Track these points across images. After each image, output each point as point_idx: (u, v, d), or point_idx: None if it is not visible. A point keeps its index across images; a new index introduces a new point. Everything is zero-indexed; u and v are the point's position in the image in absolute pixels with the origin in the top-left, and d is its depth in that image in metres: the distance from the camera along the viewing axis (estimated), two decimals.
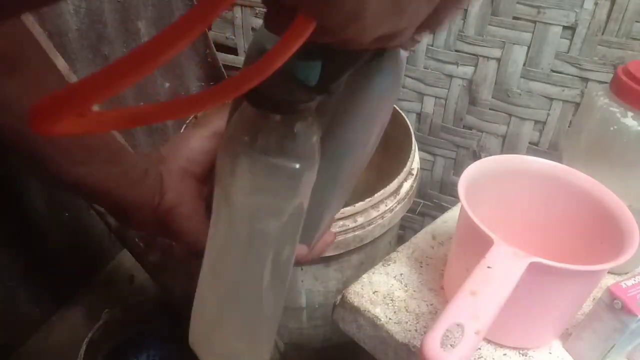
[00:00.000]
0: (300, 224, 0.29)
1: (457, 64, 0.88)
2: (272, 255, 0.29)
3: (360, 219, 0.65)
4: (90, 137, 0.29)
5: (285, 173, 0.25)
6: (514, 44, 0.82)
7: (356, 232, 0.65)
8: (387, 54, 0.27)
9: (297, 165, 0.25)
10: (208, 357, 0.33)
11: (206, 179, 0.34)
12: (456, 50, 0.87)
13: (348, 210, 0.64)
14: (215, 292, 0.31)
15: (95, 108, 0.27)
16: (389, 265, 0.60)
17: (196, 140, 0.34)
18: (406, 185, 0.70)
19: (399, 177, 0.68)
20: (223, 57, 1.00)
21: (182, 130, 0.72)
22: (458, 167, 0.99)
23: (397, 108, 0.82)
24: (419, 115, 0.97)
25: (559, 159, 0.57)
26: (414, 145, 0.75)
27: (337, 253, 0.66)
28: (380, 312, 0.54)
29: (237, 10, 0.97)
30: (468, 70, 0.88)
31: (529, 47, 0.81)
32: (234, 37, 1.01)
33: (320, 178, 0.27)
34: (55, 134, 0.16)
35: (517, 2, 0.78)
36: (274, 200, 0.27)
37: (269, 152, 0.25)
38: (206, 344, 0.33)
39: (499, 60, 0.84)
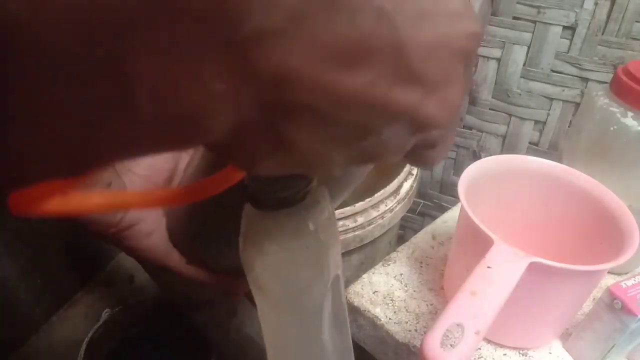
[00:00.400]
0: (342, 284, 0.28)
1: None
2: (327, 322, 0.28)
3: (360, 219, 0.65)
4: None
5: (311, 254, 0.25)
6: (514, 44, 0.82)
7: (356, 232, 0.65)
8: None
9: (318, 244, 0.24)
10: None
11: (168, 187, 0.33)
12: None
13: (348, 210, 0.64)
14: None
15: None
16: (389, 265, 0.60)
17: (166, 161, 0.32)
18: (406, 185, 0.70)
19: (399, 177, 0.68)
20: None
21: None
22: (458, 167, 0.99)
23: None
24: None
25: (559, 159, 0.57)
26: None
27: None
28: (380, 312, 0.54)
29: None
30: None
31: (529, 47, 0.81)
32: None
33: None
34: (36, 215, 0.16)
35: (517, 2, 0.78)
36: (310, 280, 0.26)
37: (287, 246, 0.24)
38: None
39: (499, 60, 0.84)
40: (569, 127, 0.85)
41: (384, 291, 0.57)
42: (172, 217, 0.32)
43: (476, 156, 0.95)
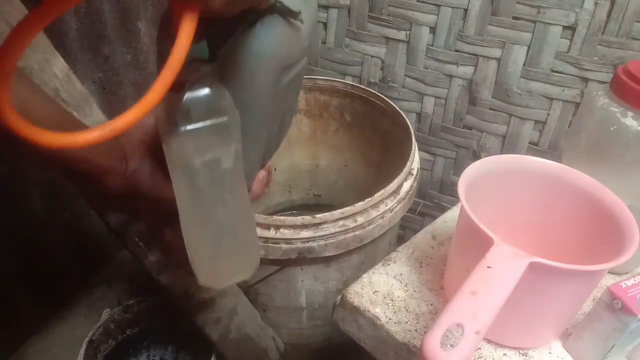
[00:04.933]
0: (241, 158, 0.36)
1: (457, 64, 0.88)
2: (232, 188, 0.37)
3: (360, 219, 0.65)
4: (64, 119, 0.35)
5: (217, 129, 0.33)
6: (514, 44, 0.82)
7: (356, 232, 0.65)
8: (262, 20, 0.33)
9: (225, 119, 0.33)
10: (217, 285, 0.42)
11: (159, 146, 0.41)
12: (456, 50, 0.87)
13: (348, 210, 0.64)
14: (196, 231, 0.39)
15: None
16: (389, 265, 0.60)
17: (149, 116, 0.39)
18: (406, 185, 0.70)
19: (399, 177, 0.68)
20: None
21: None
22: (458, 167, 0.99)
23: (397, 108, 0.82)
24: (419, 115, 0.97)
25: (559, 159, 0.57)
26: (414, 145, 0.75)
27: (337, 253, 0.66)
28: (380, 312, 0.54)
29: None
30: (468, 70, 0.88)
31: (529, 47, 0.81)
32: None
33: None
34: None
35: (517, 2, 0.78)
36: (218, 152, 0.35)
37: (197, 120, 0.32)
38: (210, 276, 0.41)
39: (499, 60, 0.84)
40: (569, 127, 0.85)
41: (384, 291, 0.57)
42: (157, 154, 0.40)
43: (476, 156, 0.95)
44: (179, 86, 0.31)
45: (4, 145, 0.31)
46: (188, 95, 0.32)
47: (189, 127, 0.32)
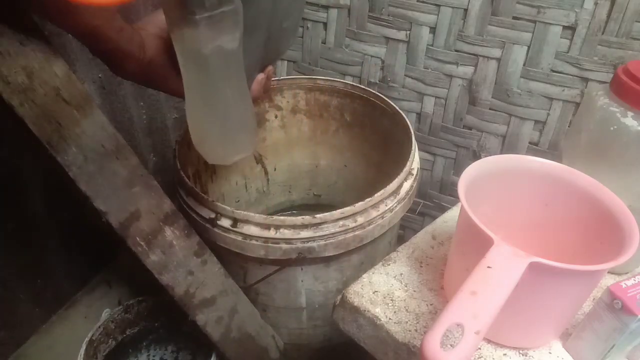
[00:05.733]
0: (241, 52, 0.42)
1: (457, 63, 0.88)
2: (236, 70, 0.43)
3: (360, 219, 0.65)
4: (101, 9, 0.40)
5: (227, 15, 0.38)
6: (514, 43, 0.82)
7: (356, 232, 0.65)
8: None
9: (233, 6, 0.38)
10: (224, 161, 0.50)
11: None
12: (456, 50, 0.87)
13: (348, 210, 0.64)
14: (206, 113, 0.45)
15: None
16: (389, 265, 0.60)
17: (162, 14, 0.47)
18: (406, 185, 0.70)
19: (399, 177, 0.68)
20: None
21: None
22: (458, 167, 0.99)
23: (397, 108, 0.82)
24: (419, 115, 0.97)
25: (559, 159, 0.57)
26: (414, 145, 0.75)
27: (337, 253, 0.66)
28: (380, 312, 0.54)
29: None
30: (468, 70, 0.88)
31: (529, 47, 0.81)
32: None
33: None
34: None
35: (517, 2, 0.78)
36: (226, 37, 0.40)
37: (211, 8, 0.37)
38: (218, 153, 0.49)
39: (499, 60, 0.84)
40: (569, 127, 0.85)
41: (384, 291, 0.57)
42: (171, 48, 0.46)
43: (476, 156, 0.95)
44: None
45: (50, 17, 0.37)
46: None
47: (205, 14, 0.37)
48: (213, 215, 0.65)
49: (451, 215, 0.70)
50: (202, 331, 0.70)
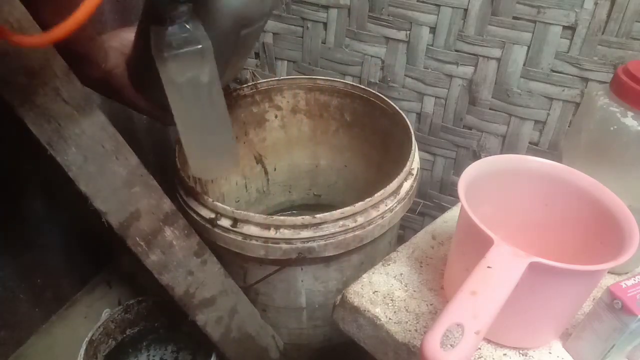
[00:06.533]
0: (216, 77, 0.48)
1: (457, 63, 0.88)
2: (210, 99, 0.49)
3: (360, 219, 0.65)
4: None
5: (193, 54, 0.44)
6: (514, 43, 0.82)
7: (356, 232, 0.65)
8: None
9: (199, 46, 0.44)
10: (208, 176, 0.66)
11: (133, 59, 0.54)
12: (456, 50, 0.87)
13: (348, 210, 0.64)
14: (188, 133, 0.52)
15: None
16: (389, 265, 0.60)
17: (125, 32, 0.55)
18: (406, 185, 0.70)
19: (399, 177, 0.68)
20: None
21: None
22: (458, 167, 0.99)
23: (397, 108, 0.82)
24: (419, 115, 0.97)
25: (559, 159, 0.57)
26: (414, 145, 0.75)
27: (337, 253, 0.66)
28: (380, 312, 0.54)
29: None
30: (468, 70, 0.88)
31: (529, 47, 0.81)
32: None
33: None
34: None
35: (517, 2, 0.78)
36: (196, 71, 0.46)
37: (177, 47, 0.44)
38: (202, 168, 0.57)
39: (499, 60, 0.84)
40: (569, 127, 0.85)
41: (384, 291, 0.57)
42: (130, 64, 0.54)
43: (476, 156, 0.95)
44: (162, 21, 0.43)
45: None
46: (170, 29, 0.43)
47: (172, 52, 0.44)
48: (213, 215, 0.65)
49: (451, 215, 0.70)
50: (202, 331, 0.70)
